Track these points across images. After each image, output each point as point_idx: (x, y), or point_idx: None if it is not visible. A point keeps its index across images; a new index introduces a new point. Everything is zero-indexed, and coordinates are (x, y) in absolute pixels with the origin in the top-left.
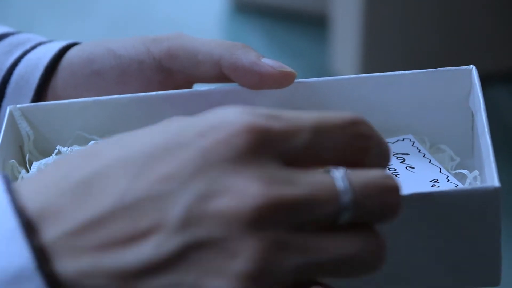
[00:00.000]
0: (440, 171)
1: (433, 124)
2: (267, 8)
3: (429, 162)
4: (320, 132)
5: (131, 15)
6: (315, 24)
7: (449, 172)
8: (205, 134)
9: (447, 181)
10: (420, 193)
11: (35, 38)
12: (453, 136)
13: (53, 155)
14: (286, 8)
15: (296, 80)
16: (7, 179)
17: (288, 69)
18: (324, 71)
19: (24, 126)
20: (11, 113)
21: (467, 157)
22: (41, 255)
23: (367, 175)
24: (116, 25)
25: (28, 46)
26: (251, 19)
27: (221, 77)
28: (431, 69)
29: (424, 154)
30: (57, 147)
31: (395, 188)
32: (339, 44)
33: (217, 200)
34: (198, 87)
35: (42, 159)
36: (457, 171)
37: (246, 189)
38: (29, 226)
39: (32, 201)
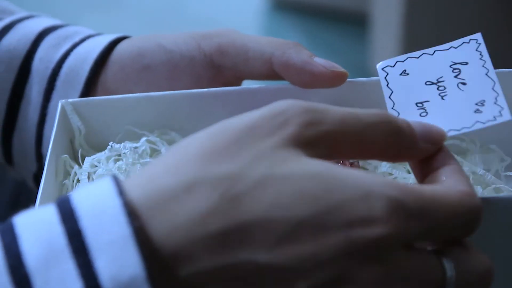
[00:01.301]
0: (493, 87)
1: None
2: (305, 6)
3: (486, 74)
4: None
5: (168, 13)
6: (355, 22)
7: (500, 174)
8: (353, 225)
9: (495, 103)
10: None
11: (83, 31)
12: (504, 137)
13: (106, 151)
14: (325, 6)
15: (347, 80)
16: (118, 181)
17: (340, 69)
18: (363, 70)
19: (75, 121)
20: (63, 108)
21: None
22: (153, 264)
23: (471, 265)
24: (153, 23)
25: (77, 39)
26: (289, 17)
27: (271, 74)
28: None
29: (485, 62)
30: (110, 144)
31: (489, 278)
32: (379, 42)
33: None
34: (247, 84)
35: (92, 153)
36: (507, 173)
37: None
38: (142, 233)
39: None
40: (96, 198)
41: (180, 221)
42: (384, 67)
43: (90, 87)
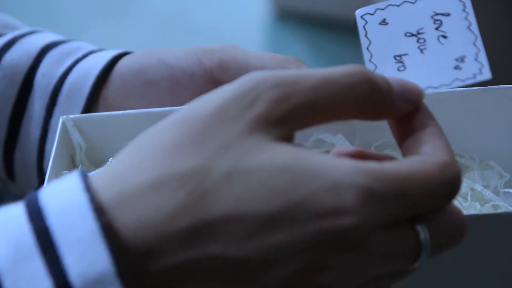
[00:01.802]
0: (475, 42)
1: (482, 140)
2: (308, 16)
3: (468, 27)
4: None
5: (173, 23)
6: (356, 33)
7: (499, 190)
8: (323, 217)
9: (475, 59)
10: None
11: (85, 47)
12: (503, 153)
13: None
14: (328, 16)
15: None
16: (85, 177)
17: None
18: None
19: (76, 137)
20: (63, 124)
21: None
22: (122, 259)
23: (444, 223)
24: (158, 33)
25: (79, 55)
26: (292, 27)
27: None
28: (482, 87)
29: (467, 15)
30: (110, 160)
31: (463, 232)
32: None
33: (319, 276)
34: None
35: (93, 169)
36: (506, 190)
37: (347, 271)
38: (109, 228)
39: (112, 200)
40: (63, 194)
41: (148, 218)
42: (363, 15)
43: (92, 103)
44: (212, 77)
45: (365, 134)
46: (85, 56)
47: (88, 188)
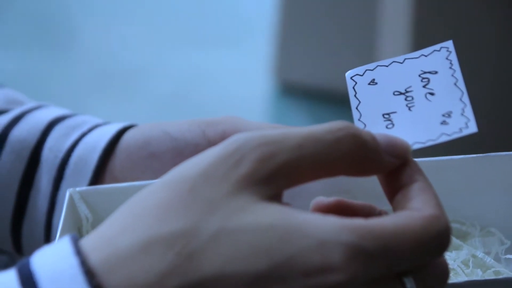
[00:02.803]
0: (461, 98)
1: (482, 207)
2: (313, 90)
3: (455, 84)
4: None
5: (176, 97)
6: None
7: (500, 257)
8: (311, 275)
9: (462, 114)
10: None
11: (91, 121)
12: (503, 220)
13: None
14: (331, 90)
15: None
16: (75, 241)
17: None
18: None
19: (83, 209)
20: (70, 196)
21: None
22: None
23: (430, 273)
24: (161, 107)
25: (85, 129)
26: (296, 101)
27: None
28: (480, 154)
29: (454, 72)
30: None
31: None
32: None
33: None
34: None
35: None
36: (507, 256)
37: None
38: None
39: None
40: (54, 258)
41: (138, 280)
42: (353, 76)
43: (98, 175)
44: None
45: (366, 201)
46: (91, 129)
47: (79, 251)
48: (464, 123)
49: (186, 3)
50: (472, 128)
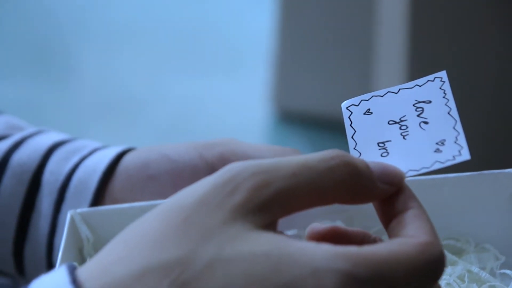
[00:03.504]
0: (454, 127)
1: (477, 224)
2: (311, 118)
3: (448, 113)
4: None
5: (178, 124)
6: None
7: (495, 272)
8: None
9: (455, 142)
10: None
11: (90, 145)
12: (497, 236)
13: None
14: (330, 117)
15: None
16: (72, 270)
17: None
18: None
19: (84, 230)
20: (72, 218)
21: None
22: None
23: None
24: (163, 134)
25: (85, 152)
26: (294, 128)
27: None
28: (475, 172)
29: (448, 101)
30: None
31: None
32: None
33: None
34: None
35: None
36: (502, 271)
37: None
38: None
39: None
40: (50, 287)
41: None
42: (349, 106)
43: (98, 197)
44: (213, 170)
45: (363, 221)
46: (90, 153)
47: (75, 280)
48: (458, 150)
49: (185, 32)
50: (465, 155)
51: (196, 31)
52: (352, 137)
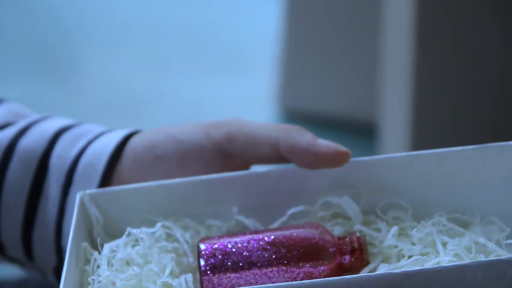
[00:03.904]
0: None
1: (482, 197)
2: (316, 117)
3: None
4: None
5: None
6: (364, 132)
7: (501, 243)
8: None
9: None
10: None
11: (96, 129)
12: (503, 208)
13: (124, 237)
14: (334, 116)
15: (351, 159)
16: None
17: (343, 148)
18: None
19: (93, 211)
20: (81, 199)
21: None
22: None
23: None
24: None
25: (91, 136)
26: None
27: (277, 158)
28: (480, 145)
29: None
30: (127, 229)
31: None
32: (388, 151)
33: None
34: (255, 168)
35: (110, 241)
36: (508, 241)
37: None
38: None
39: None
40: None
41: None
42: None
43: (106, 180)
44: (220, 149)
45: (371, 195)
46: (97, 136)
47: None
48: None
49: (189, 32)
50: None
51: (201, 31)
52: None
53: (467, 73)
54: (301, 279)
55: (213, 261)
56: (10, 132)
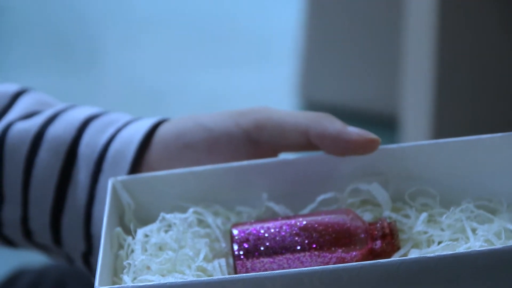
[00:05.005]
0: None
1: (510, 185)
2: (336, 109)
3: None
4: None
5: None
6: (385, 125)
7: None
8: None
9: None
10: None
11: (124, 117)
12: None
13: (157, 222)
14: (355, 109)
15: (380, 146)
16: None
17: (373, 136)
18: None
19: (125, 197)
20: (113, 185)
21: None
22: None
23: None
24: None
25: (120, 124)
26: None
27: (307, 146)
28: (507, 133)
29: None
30: (161, 214)
31: None
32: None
33: None
34: (283, 156)
35: (141, 227)
36: None
37: None
38: None
39: None
40: None
41: None
42: None
43: (135, 168)
44: (249, 136)
45: (399, 183)
46: (125, 125)
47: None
48: None
49: (210, 24)
50: None
51: (222, 22)
52: None
53: (489, 64)
54: (334, 264)
55: (246, 246)
56: (38, 120)
